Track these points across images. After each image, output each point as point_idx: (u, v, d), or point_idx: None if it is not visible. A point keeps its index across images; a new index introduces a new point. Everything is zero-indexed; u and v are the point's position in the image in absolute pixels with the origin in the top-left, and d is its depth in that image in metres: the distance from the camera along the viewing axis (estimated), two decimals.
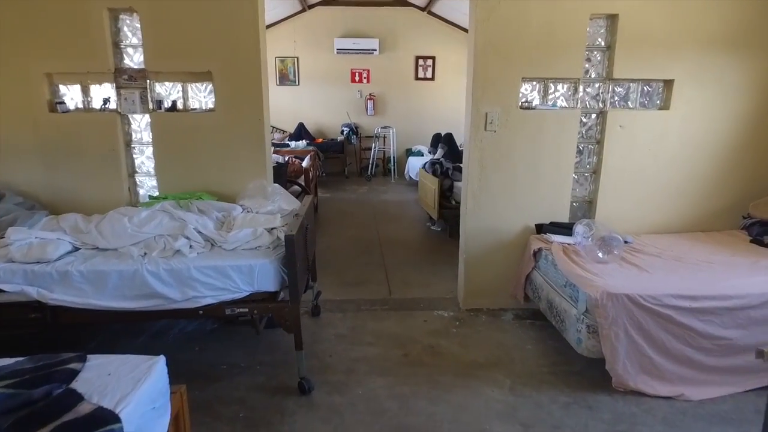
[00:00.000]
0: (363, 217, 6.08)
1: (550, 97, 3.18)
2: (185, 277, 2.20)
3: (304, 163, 5.51)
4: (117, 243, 2.34)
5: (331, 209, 6.44)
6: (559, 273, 2.71)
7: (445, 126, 9.06)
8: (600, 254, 2.63)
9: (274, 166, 4.46)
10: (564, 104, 3.20)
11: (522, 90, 3.11)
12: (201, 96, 3.08)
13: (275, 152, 6.25)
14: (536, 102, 3.17)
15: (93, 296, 2.17)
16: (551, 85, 3.16)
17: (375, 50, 8.85)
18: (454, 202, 5.15)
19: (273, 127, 9.27)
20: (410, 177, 8.20)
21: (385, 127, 8.87)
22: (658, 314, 2.30)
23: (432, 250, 4.82)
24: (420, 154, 8.63)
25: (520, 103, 3.08)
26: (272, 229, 2.46)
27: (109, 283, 2.18)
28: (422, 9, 8.85)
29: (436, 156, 6.70)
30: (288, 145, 8.32)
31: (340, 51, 8.84)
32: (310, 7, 8.79)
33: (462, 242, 3.36)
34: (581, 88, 3.14)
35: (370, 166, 8.87)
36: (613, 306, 2.28)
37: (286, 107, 9.25)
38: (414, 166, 7.87)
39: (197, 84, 3.06)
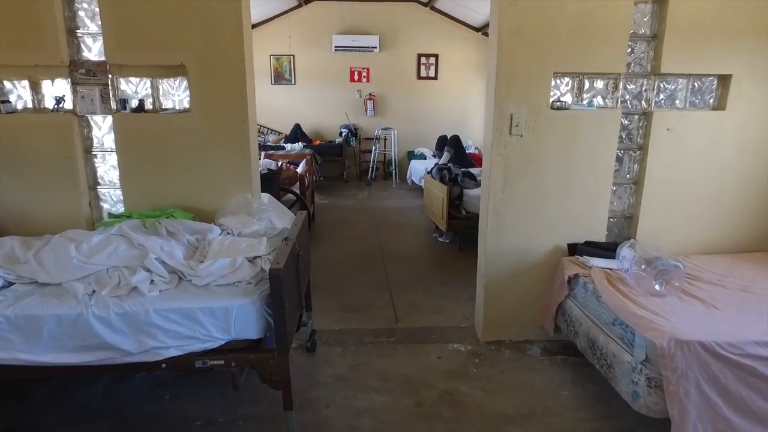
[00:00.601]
0: (363, 226, 5.61)
1: (585, 95, 2.72)
2: (143, 324, 1.73)
3: (299, 169, 5.04)
4: (60, 276, 1.86)
5: (328, 217, 5.96)
6: (603, 307, 2.25)
7: (448, 127, 8.61)
8: (657, 286, 2.17)
9: (264, 173, 3.99)
10: (601, 104, 2.73)
11: (553, 87, 2.64)
12: (174, 94, 2.60)
13: (268, 156, 5.78)
14: (569, 101, 2.71)
15: (23, 348, 1.70)
16: (587, 81, 2.69)
17: (375, 48, 8.39)
18: (464, 212, 4.68)
19: (267, 129, 8.80)
20: (413, 181, 7.74)
21: (385, 129, 8.40)
22: (739, 366, 1.84)
23: (441, 265, 4.35)
24: (423, 157, 8.18)
25: (550, 103, 2.62)
26: (255, 258, 1.99)
27: (44, 331, 1.70)
28: (425, 4, 8.39)
29: (442, 160, 6.24)
30: (283, 148, 7.85)
31: (339, 48, 8.38)
32: (307, 2, 8.32)
33: (481, 265, 2.89)
34: (622, 84, 2.68)
35: (370, 169, 8.40)
36: (684, 356, 1.81)
37: (281, 107, 8.78)
38: (417, 169, 7.40)
39: (169, 80, 2.58)
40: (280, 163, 4.48)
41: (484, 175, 2.80)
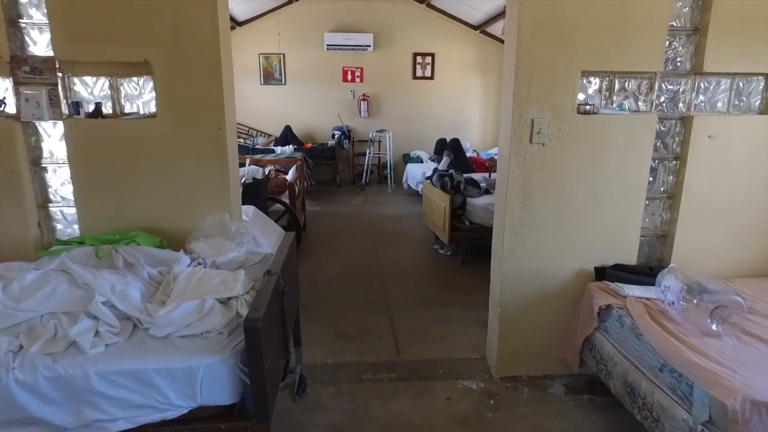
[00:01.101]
0: (358, 236, 5.24)
1: (614, 98, 2.37)
2: (81, 391, 1.35)
3: (289, 176, 4.66)
4: None
5: (320, 227, 5.58)
6: (646, 347, 1.90)
7: (445, 130, 8.27)
8: (713, 325, 1.82)
9: (248, 183, 3.61)
10: (633, 107, 2.39)
11: (579, 88, 2.29)
12: (137, 97, 2.21)
13: (255, 162, 5.39)
14: (596, 104, 2.36)
15: None
16: (617, 81, 2.34)
17: (369, 46, 8.03)
18: (467, 223, 4.33)
19: (257, 131, 8.40)
20: (409, 185, 7.39)
21: (380, 131, 8.04)
22: None
23: (444, 283, 3.99)
24: (419, 160, 7.82)
25: (577, 106, 2.27)
26: (229, 299, 1.61)
27: None
28: (420, 1, 8.05)
29: (441, 165, 5.89)
30: (273, 151, 7.46)
31: (331, 47, 8.00)
32: None
33: (495, 291, 2.53)
34: (657, 85, 2.34)
35: (364, 173, 8.03)
36: (762, 423, 1.47)
37: (271, 109, 8.39)
38: (413, 174, 7.05)
39: (132, 80, 2.19)
40: (267, 171, 4.09)
41: (499, 189, 2.44)
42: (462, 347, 2.87)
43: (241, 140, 7.86)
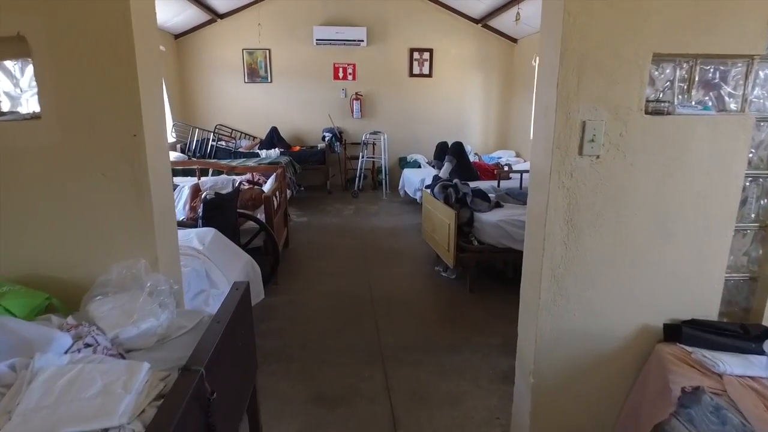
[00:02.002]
0: (348, 254, 4.57)
1: (693, 93, 1.72)
2: None
3: (267, 187, 3.99)
4: None
5: (306, 242, 4.91)
6: None
7: (445, 131, 7.64)
8: None
9: (211, 200, 2.94)
10: (721, 106, 1.74)
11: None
12: (13, 89, 1.54)
13: (232, 170, 4.71)
14: (669, 102, 1.71)
15: None
16: (700, 67, 1.70)
17: (362, 41, 7.38)
18: (475, 242, 3.68)
19: (240, 133, 7.73)
20: (405, 192, 6.75)
21: (374, 133, 7.38)
22: None
23: (449, 318, 3.32)
24: (417, 165, 7.18)
25: (645, 104, 1.62)
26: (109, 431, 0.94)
27: None
28: None
29: (442, 172, 5.24)
30: (258, 155, 6.80)
31: (321, 42, 7.35)
32: None
33: (526, 356, 1.87)
34: (755, 73, 1.69)
35: (357, 179, 7.37)
36: None
37: (256, 109, 7.73)
38: (410, 180, 6.40)
39: (3, 64, 1.52)
40: (238, 181, 3.42)
41: (534, 218, 1.79)
42: (478, 417, 2.22)
43: (223, 143, 7.19)
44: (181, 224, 2.99)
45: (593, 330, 1.77)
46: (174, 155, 6.32)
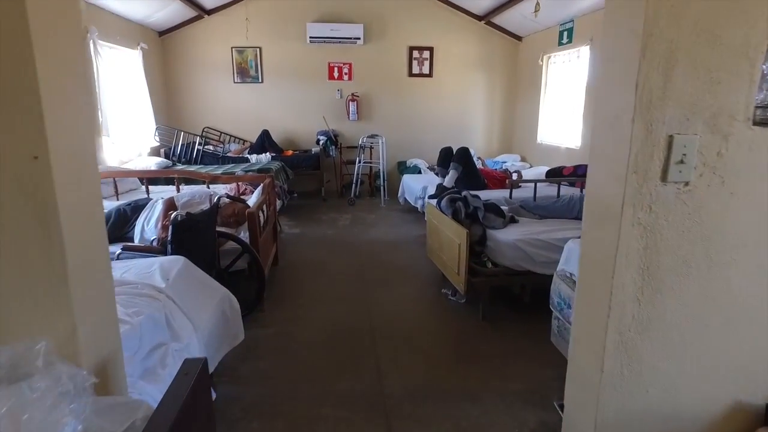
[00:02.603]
0: (345, 273, 4.12)
1: None
2: None
3: (252, 200, 3.53)
4: None
5: (298, 258, 4.46)
6: None
7: (446, 135, 7.22)
8: None
9: (181, 221, 2.48)
10: None
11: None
12: None
13: (216, 179, 4.26)
14: None
15: None
16: None
17: (359, 39, 6.95)
18: (489, 264, 3.25)
19: (229, 136, 7.26)
20: (405, 200, 6.30)
21: (371, 136, 6.93)
22: None
23: (462, 355, 2.86)
24: (417, 170, 6.74)
25: (753, 113, 1.19)
26: None
27: None
28: None
29: (447, 181, 4.81)
30: (247, 160, 6.34)
31: (315, 39, 6.91)
32: None
33: None
34: None
35: (353, 185, 6.92)
36: None
37: (246, 110, 7.27)
38: (411, 188, 5.95)
39: None
40: (216, 198, 2.96)
41: (591, 263, 1.34)
42: None
43: (211, 147, 6.72)
44: (148, 250, 2.53)
45: (673, 410, 1.34)
46: (157, 161, 5.86)
